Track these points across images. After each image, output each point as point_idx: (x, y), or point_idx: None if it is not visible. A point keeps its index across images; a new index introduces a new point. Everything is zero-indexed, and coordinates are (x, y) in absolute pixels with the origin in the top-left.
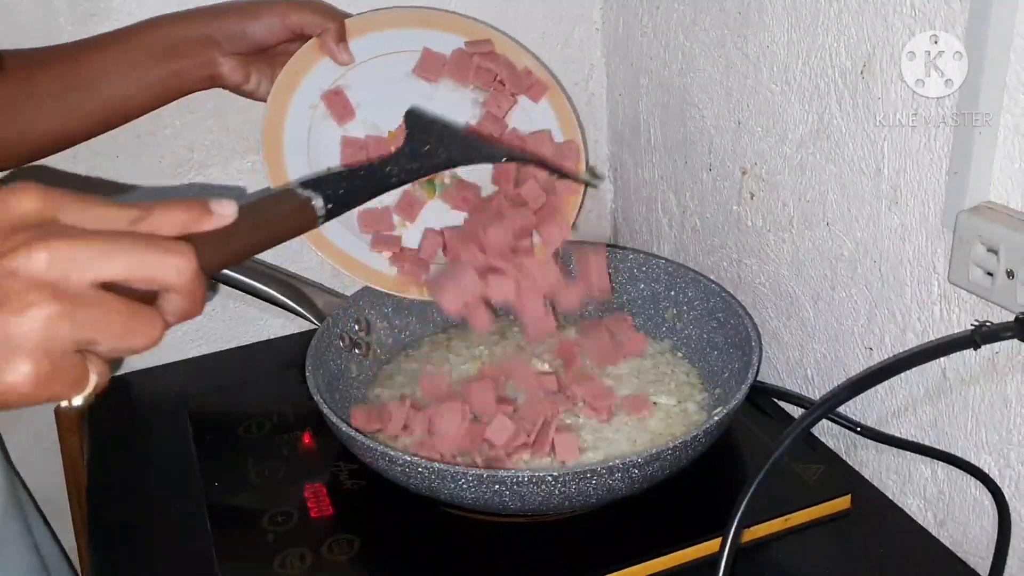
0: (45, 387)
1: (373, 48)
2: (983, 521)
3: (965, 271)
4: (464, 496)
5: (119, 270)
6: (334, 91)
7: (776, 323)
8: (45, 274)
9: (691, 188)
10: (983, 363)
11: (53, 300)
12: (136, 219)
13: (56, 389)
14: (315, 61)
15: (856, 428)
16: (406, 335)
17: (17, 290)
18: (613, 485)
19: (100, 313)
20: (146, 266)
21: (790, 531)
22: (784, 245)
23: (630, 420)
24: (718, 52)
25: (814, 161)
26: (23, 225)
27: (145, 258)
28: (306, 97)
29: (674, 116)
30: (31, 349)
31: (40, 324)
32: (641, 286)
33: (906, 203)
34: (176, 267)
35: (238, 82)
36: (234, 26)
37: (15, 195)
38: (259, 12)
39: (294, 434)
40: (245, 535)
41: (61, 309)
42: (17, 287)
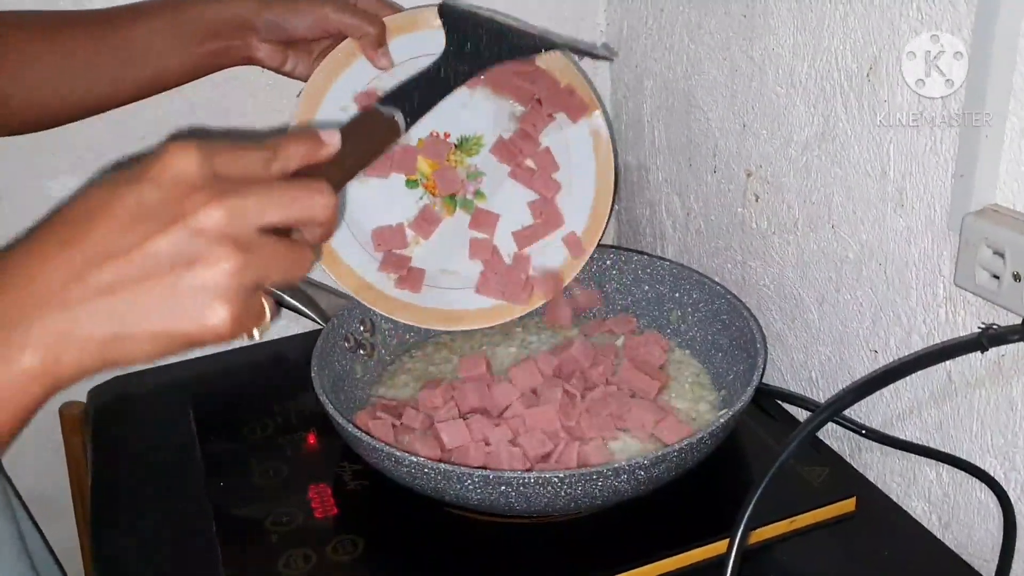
0: (240, 325)
1: (412, 48)
2: (988, 524)
3: (971, 274)
4: (470, 497)
5: (278, 215)
6: (367, 93)
7: (781, 325)
8: (224, 228)
9: (696, 190)
10: (989, 366)
11: (235, 251)
12: (270, 159)
13: (247, 324)
14: (350, 62)
15: (861, 431)
16: (410, 336)
17: (205, 246)
18: (619, 487)
19: (270, 255)
20: (300, 208)
21: (795, 533)
22: (789, 247)
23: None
24: (723, 55)
25: (819, 164)
26: (195, 184)
27: (297, 202)
28: (338, 99)
29: (679, 118)
30: (225, 295)
31: (229, 273)
32: (645, 288)
33: (912, 206)
34: (321, 203)
35: (275, 66)
36: (274, 16)
37: (180, 156)
38: (299, 7)
39: (298, 434)
40: (249, 535)
41: (244, 258)
42: (205, 244)
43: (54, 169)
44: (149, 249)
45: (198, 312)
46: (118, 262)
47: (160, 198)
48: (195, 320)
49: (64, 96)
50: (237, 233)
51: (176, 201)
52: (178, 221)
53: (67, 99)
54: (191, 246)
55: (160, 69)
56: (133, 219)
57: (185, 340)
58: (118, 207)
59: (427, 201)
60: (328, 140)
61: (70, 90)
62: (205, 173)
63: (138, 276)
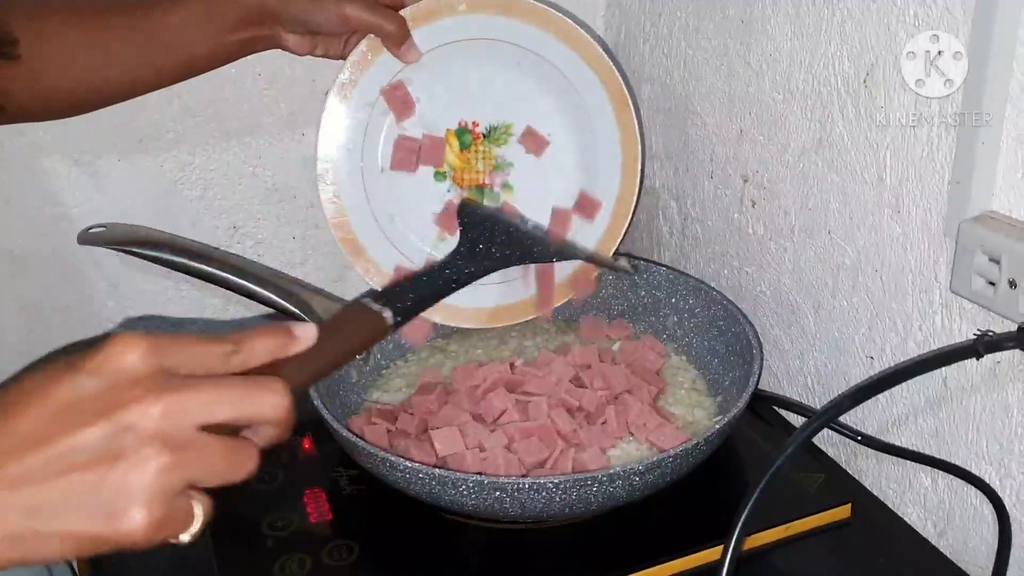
0: (159, 531)
1: (438, 37)
2: (983, 531)
3: (967, 280)
4: (465, 502)
5: (224, 415)
6: (394, 86)
7: (777, 331)
8: (158, 426)
9: (692, 196)
10: (984, 373)
11: (165, 451)
12: (230, 352)
13: (169, 530)
14: (376, 57)
15: (857, 437)
16: (406, 340)
17: (133, 444)
18: (614, 493)
19: (206, 455)
20: (247, 407)
21: (790, 539)
22: (785, 253)
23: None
24: (720, 60)
25: (816, 169)
26: (136, 378)
27: (246, 400)
28: (365, 94)
29: (676, 124)
30: (146, 499)
31: (154, 475)
32: (642, 293)
33: (908, 212)
34: (273, 404)
35: (305, 53)
36: (298, 12)
37: (124, 347)
38: (322, 4)
39: (294, 439)
40: (245, 540)
41: (173, 459)
42: (133, 441)
43: (54, 172)
44: (73, 442)
45: (113, 513)
46: (39, 453)
47: (96, 390)
48: (109, 522)
49: (100, 83)
50: (171, 432)
51: (112, 394)
52: (109, 415)
53: (103, 86)
54: (118, 442)
55: (191, 56)
56: (64, 409)
57: (97, 542)
58: (51, 395)
59: (454, 194)
60: (301, 335)
61: (106, 77)
62: (149, 366)
63: (58, 470)
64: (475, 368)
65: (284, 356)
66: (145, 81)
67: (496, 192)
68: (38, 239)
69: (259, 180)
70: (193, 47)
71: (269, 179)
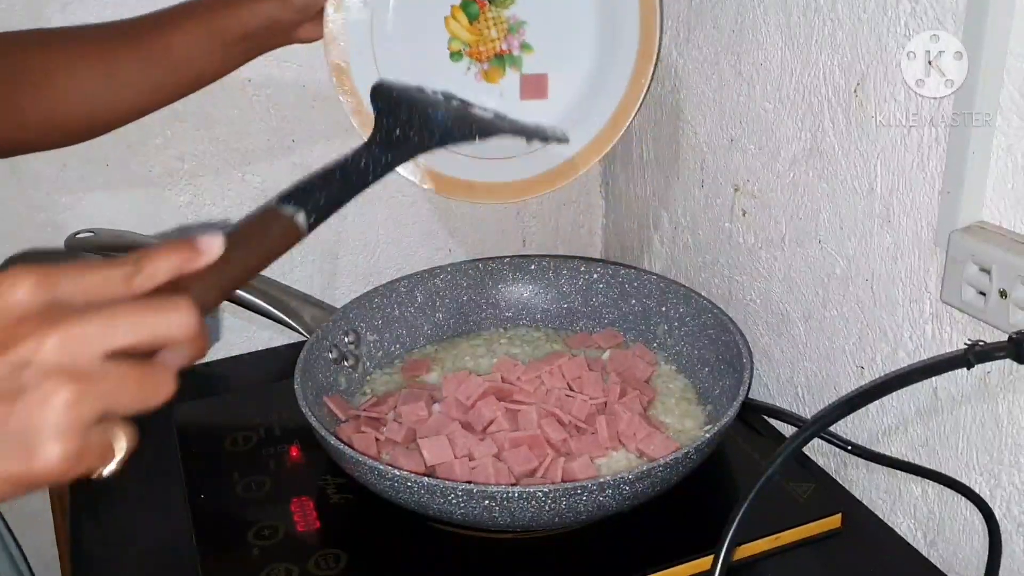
0: (76, 464)
1: None
2: (973, 541)
3: (958, 290)
4: (453, 511)
5: (126, 339)
6: None
7: (767, 340)
8: (58, 358)
9: (683, 204)
10: (975, 383)
11: (69, 382)
12: (130, 274)
13: (88, 463)
14: None
15: (847, 447)
16: (396, 347)
17: (34, 380)
18: (604, 502)
19: (115, 382)
20: (150, 329)
21: (780, 550)
22: (776, 263)
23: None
24: (711, 69)
25: (806, 179)
26: (26, 313)
27: (148, 322)
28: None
29: (666, 132)
30: (57, 433)
31: (61, 409)
32: (632, 302)
33: (899, 222)
34: (178, 323)
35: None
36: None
37: (10, 283)
38: None
39: (281, 447)
40: (231, 549)
41: (79, 389)
42: (33, 377)
43: (41, 178)
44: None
45: (26, 451)
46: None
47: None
48: (22, 460)
49: (109, 107)
50: (73, 362)
51: (3, 333)
52: (1, 353)
53: (113, 110)
54: (17, 380)
55: (200, 72)
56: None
57: (15, 482)
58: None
59: (475, 70)
60: (205, 248)
61: (115, 102)
62: (40, 299)
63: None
64: (464, 376)
65: (190, 271)
66: (158, 100)
67: (518, 56)
68: (25, 245)
69: (248, 185)
70: (201, 63)
71: (258, 184)
